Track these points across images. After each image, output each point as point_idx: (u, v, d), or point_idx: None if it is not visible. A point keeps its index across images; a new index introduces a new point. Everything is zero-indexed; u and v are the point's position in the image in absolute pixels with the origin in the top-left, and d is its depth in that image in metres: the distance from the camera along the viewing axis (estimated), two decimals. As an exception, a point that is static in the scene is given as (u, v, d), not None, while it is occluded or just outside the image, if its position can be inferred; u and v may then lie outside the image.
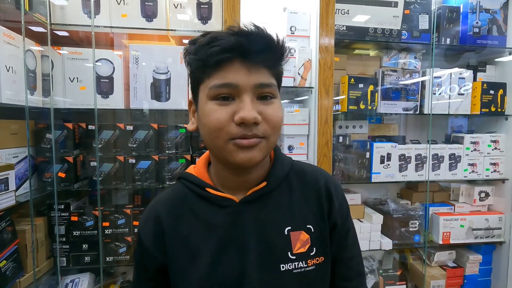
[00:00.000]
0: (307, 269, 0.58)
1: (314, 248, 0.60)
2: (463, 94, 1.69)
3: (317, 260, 0.59)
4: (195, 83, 0.56)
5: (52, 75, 1.32)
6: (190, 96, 0.60)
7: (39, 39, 1.31)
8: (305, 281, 0.58)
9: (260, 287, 0.56)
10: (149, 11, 1.39)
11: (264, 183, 0.60)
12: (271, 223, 0.59)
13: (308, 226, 0.60)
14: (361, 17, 1.54)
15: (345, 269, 0.64)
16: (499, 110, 1.71)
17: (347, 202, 0.67)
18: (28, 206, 1.23)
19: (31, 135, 1.27)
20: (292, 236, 0.59)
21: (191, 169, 0.66)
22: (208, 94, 0.53)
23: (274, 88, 0.55)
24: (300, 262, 0.58)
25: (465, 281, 1.77)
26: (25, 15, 1.17)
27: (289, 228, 0.59)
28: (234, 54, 0.51)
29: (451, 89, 1.68)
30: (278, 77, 0.58)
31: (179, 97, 1.42)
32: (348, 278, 0.64)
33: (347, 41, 1.59)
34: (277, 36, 0.55)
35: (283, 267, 0.57)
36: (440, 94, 1.66)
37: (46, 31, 1.30)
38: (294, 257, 0.58)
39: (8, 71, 1.09)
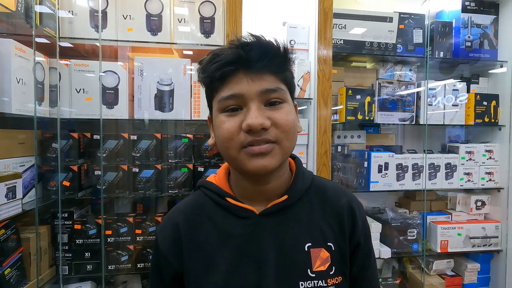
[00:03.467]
0: None
1: (334, 267, 0.58)
2: (457, 105, 1.75)
3: (336, 280, 0.58)
4: (209, 99, 0.59)
5: (59, 86, 1.36)
6: (209, 113, 0.63)
7: (47, 51, 1.35)
8: None
9: None
10: (154, 25, 1.45)
11: (285, 196, 0.59)
12: (290, 238, 0.58)
13: (329, 244, 0.59)
14: (357, 31, 1.60)
15: None
16: (492, 120, 1.76)
17: (368, 223, 0.67)
18: (32, 215, 1.25)
19: (38, 145, 1.30)
20: (313, 253, 0.58)
21: (211, 178, 0.66)
22: (218, 108, 0.55)
23: (282, 93, 0.55)
24: (320, 281, 0.56)
25: (464, 290, 1.79)
26: (35, 29, 1.22)
27: (309, 244, 0.58)
28: (235, 66, 0.53)
29: (447, 100, 1.73)
30: (287, 81, 0.58)
31: (182, 107, 1.46)
32: None
33: (345, 54, 1.65)
34: (276, 42, 0.56)
35: (302, 284, 0.55)
36: (436, 105, 1.71)
37: (54, 44, 1.34)
38: (314, 275, 0.56)
39: (18, 82, 1.13)
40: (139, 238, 1.42)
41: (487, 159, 1.76)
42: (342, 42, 1.59)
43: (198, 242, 0.59)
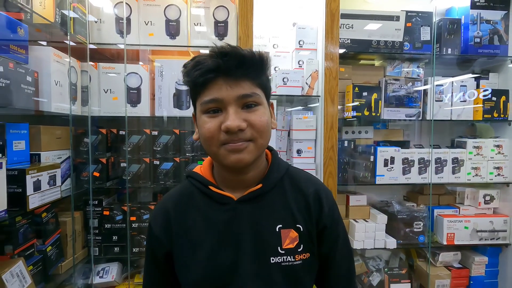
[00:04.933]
0: (294, 263, 0.65)
1: (302, 245, 0.66)
2: (465, 101, 1.77)
3: (304, 256, 0.66)
4: (193, 100, 0.67)
5: (89, 87, 1.52)
6: (192, 111, 0.70)
7: (78, 55, 1.50)
8: (292, 273, 0.65)
9: (251, 276, 0.64)
10: (172, 30, 1.58)
11: (260, 185, 0.67)
12: (264, 221, 0.66)
13: (297, 225, 0.67)
14: (364, 31, 1.66)
15: (335, 269, 0.71)
16: (502, 116, 1.77)
17: (338, 210, 0.73)
18: (67, 201, 1.42)
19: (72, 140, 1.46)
20: (283, 233, 0.66)
21: (197, 169, 0.74)
22: (201, 109, 0.63)
23: (257, 97, 0.62)
24: (289, 257, 0.65)
25: (471, 282, 1.82)
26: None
27: (280, 226, 0.66)
28: (216, 74, 0.59)
29: (456, 96, 1.76)
30: (263, 85, 0.65)
31: (198, 105, 1.58)
32: (338, 276, 0.72)
33: (352, 53, 1.71)
34: (252, 51, 0.61)
35: (272, 259, 0.64)
36: (444, 101, 1.75)
37: (84, 49, 1.50)
38: (283, 252, 0.65)
39: (56, 85, 1.29)
40: (160, 224, 1.56)
41: (496, 154, 1.78)
42: (349, 42, 1.66)
43: (185, 227, 0.67)
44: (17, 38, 1.07)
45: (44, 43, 1.40)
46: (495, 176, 1.78)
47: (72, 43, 1.39)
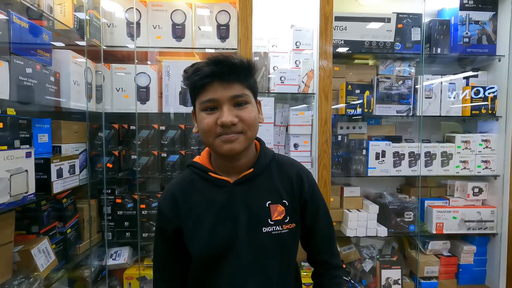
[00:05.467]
0: (282, 232, 0.79)
1: (288, 217, 0.80)
2: (454, 98, 1.87)
3: (290, 226, 0.80)
4: (193, 99, 0.79)
5: (103, 86, 1.66)
6: (192, 108, 0.83)
7: (93, 56, 1.64)
8: (281, 240, 0.79)
9: (247, 244, 0.77)
10: (178, 33, 1.71)
11: (251, 170, 0.80)
12: (256, 199, 0.79)
13: (283, 201, 0.81)
14: (357, 32, 1.77)
15: (318, 233, 0.87)
16: (490, 112, 1.86)
17: (317, 188, 0.88)
18: (83, 190, 1.57)
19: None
20: (272, 208, 0.80)
21: (197, 159, 0.86)
22: (200, 107, 0.75)
23: (246, 97, 0.74)
24: (277, 226, 0.79)
25: (460, 269, 1.92)
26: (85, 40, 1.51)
27: (269, 202, 0.80)
28: (212, 78, 0.71)
29: (446, 94, 1.86)
30: (251, 86, 0.77)
31: (202, 102, 1.71)
32: (320, 239, 0.87)
33: (346, 53, 1.82)
34: (241, 59, 0.73)
35: (264, 229, 0.78)
36: (434, 98, 1.85)
37: (99, 51, 1.64)
38: (273, 223, 0.79)
39: (74, 84, 1.44)
40: (167, 212, 1.70)
41: (484, 148, 1.87)
42: (343, 42, 1.77)
43: (190, 206, 0.80)
44: (42, 42, 1.21)
45: (62, 44, 1.55)
46: (483, 169, 1.88)
47: (89, 47, 1.54)
